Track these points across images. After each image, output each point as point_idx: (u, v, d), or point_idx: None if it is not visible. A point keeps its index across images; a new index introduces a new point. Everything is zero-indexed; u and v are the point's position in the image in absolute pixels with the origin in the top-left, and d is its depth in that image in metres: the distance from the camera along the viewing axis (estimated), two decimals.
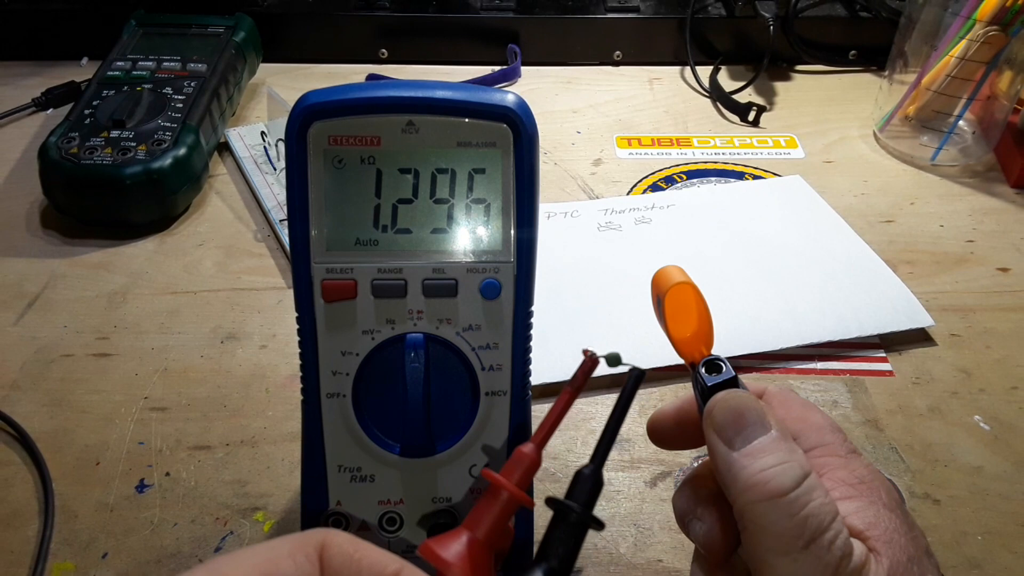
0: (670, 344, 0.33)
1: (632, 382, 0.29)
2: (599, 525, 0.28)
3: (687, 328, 0.32)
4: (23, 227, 0.61)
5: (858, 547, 0.27)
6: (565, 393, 0.30)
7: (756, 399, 0.30)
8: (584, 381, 0.30)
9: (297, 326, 0.33)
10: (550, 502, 0.28)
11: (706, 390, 0.30)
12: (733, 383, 0.31)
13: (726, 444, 0.28)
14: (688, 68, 0.82)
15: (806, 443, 0.30)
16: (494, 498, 0.29)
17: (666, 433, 0.34)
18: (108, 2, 0.79)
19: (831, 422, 0.31)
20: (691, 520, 0.31)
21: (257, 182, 0.64)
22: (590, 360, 0.30)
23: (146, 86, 0.65)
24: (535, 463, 0.29)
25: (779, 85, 0.81)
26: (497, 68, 0.81)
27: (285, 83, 0.79)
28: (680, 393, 0.49)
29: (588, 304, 0.54)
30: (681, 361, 0.32)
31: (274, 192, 0.63)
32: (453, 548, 0.27)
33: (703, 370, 0.31)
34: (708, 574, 0.31)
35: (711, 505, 0.30)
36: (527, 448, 0.29)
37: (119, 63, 0.67)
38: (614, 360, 0.30)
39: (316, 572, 0.24)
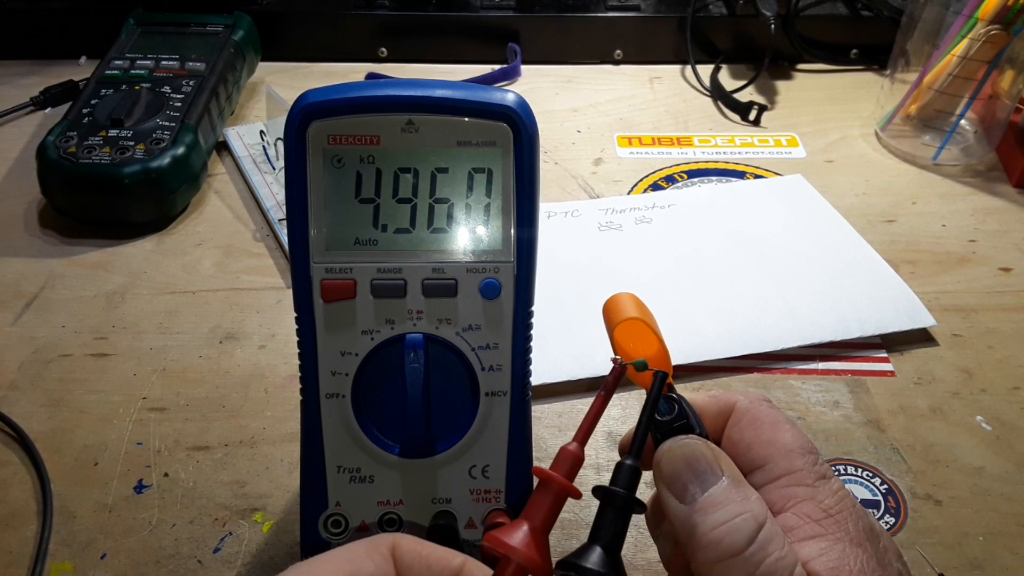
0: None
1: (657, 384, 0.31)
2: (641, 507, 0.30)
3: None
4: (21, 227, 0.61)
5: None
6: (599, 397, 0.32)
7: (705, 444, 0.29)
8: (615, 386, 0.32)
9: (296, 326, 0.33)
10: (597, 490, 0.30)
11: (657, 428, 0.31)
12: (684, 427, 0.31)
13: (677, 498, 0.28)
14: (689, 67, 0.82)
15: (773, 471, 0.30)
16: (547, 491, 0.31)
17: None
18: (107, 1, 0.79)
19: (803, 441, 0.31)
20: (657, 536, 0.32)
21: (256, 181, 0.64)
22: (619, 367, 0.32)
23: (144, 85, 0.64)
24: (579, 459, 0.31)
25: (780, 84, 0.80)
26: (497, 67, 0.80)
27: (284, 82, 0.79)
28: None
29: (588, 304, 0.53)
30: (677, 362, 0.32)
31: (273, 191, 0.63)
32: (517, 536, 0.30)
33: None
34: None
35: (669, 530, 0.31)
36: (572, 446, 0.31)
37: (117, 62, 0.67)
38: (641, 367, 0.32)
39: (391, 569, 0.28)
